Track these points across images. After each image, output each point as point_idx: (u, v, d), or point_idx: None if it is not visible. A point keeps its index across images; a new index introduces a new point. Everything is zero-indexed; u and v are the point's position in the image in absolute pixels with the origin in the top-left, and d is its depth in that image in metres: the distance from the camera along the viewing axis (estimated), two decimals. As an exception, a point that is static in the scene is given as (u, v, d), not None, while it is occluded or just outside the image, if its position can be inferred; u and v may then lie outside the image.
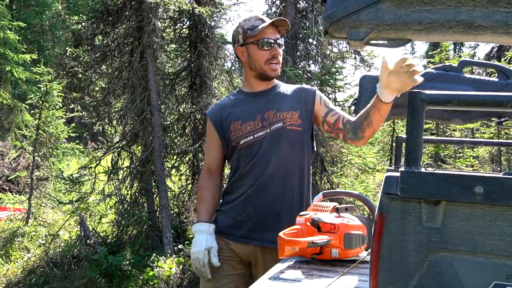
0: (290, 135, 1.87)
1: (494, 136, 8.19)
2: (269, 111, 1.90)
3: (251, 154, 1.88)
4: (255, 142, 1.88)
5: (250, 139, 1.89)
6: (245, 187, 1.89)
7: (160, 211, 6.20)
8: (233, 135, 1.93)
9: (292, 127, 1.88)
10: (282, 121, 1.88)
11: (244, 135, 1.90)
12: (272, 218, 1.84)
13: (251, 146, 1.89)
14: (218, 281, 1.90)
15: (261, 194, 1.86)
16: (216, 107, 2.04)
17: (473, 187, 0.85)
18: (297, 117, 1.89)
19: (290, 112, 1.89)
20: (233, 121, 1.94)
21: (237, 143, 1.91)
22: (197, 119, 6.87)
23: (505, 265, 0.84)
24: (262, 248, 1.86)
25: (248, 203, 1.87)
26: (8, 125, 10.08)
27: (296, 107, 1.91)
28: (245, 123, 1.91)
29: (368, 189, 6.53)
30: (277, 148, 1.86)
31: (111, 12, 6.35)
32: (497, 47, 13.96)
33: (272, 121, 1.88)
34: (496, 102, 0.88)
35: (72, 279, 5.07)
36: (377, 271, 0.90)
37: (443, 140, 5.08)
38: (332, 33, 1.21)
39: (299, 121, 1.89)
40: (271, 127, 1.88)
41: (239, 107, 1.97)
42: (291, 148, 1.87)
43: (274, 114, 1.90)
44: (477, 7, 1.05)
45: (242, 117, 1.93)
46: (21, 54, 9.77)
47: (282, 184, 1.86)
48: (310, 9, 6.16)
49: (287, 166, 1.87)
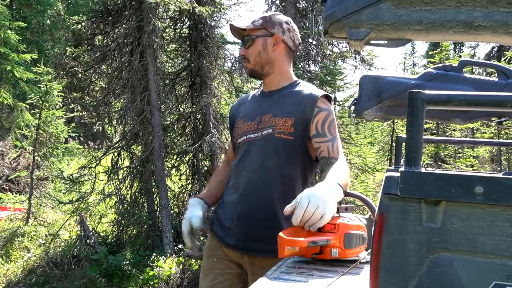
0: (277, 143, 1.78)
1: (494, 136, 8.19)
2: (266, 115, 1.85)
3: (242, 156, 1.87)
4: (245, 143, 1.86)
5: (243, 138, 1.88)
6: (233, 190, 1.88)
7: (160, 211, 6.20)
8: (235, 132, 1.94)
9: (281, 135, 1.78)
10: (272, 127, 1.80)
11: (241, 134, 1.90)
12: (255, 227, 1.79)
13: (242, 146, 1.88)
14: (214, 279, 1.90)
15: (244, 201, 1.82)
16: (237, 102, 2.09)
17: (473, 187, 0.85)
18: (290, 125, 1.78)
19: (284, 119, 1.80)
20: (239, 118, 1.95)
21: (236, 141, 1.93)
22: (197, 119, 6.87)
23: (505, 265, 0.84)
24: (248, 255, 1.83)
25: (234, 210, 1.85)
26: (8, 125, 10.09)
27: (292, 114, 1.80)
28: (245, 122, 1.90)
29: (368, 189, 6.54)
30: (263, 155, 1.80)
31: (111, 12, 6.35)
32: (497, 47, 13.97)
33: (265, 126, 1.82)
34: (496, 102, 0.87)
35: (72, 279, 5.07)
36: (377, 271, 0.90)
37: (443, 140, 5.08)
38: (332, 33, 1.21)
39: (291, 130, 1.78)
40: (262, 131, 1.82)
41: (249, 105, 1.96)
42: (276, 157, 1.78)
43: (268, 119, 1.83)
44: (477, 7, 1.05)
45: (245, 116, 1.92)
46: (21, 54, 9.78)
47: (265, 193, 1.78)
48: (310, 9, 6.17)
49: (271, 175, 1.78)
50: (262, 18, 1.88)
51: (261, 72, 1.90)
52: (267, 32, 1.86)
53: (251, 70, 1.91)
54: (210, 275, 1.92)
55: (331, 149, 1.73)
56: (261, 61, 1.88)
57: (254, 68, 1.90)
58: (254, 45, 1.87)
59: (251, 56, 1.88)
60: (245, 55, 1.89)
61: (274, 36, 1.86)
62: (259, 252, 1.78)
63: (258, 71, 1.90)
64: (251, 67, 1.90)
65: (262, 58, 1.87)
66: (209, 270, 1.93)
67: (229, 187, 1.94)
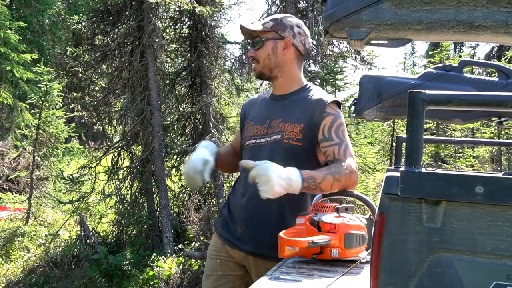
0: (285, 149, 1.77)
1: (494, 136, 8.18)
2: (276, 120, 1.84)
3: (250, 158, 1.83)
4: (255, 147, 1.86)
5: (252, 142, 1.87)
6: (241, 194, 1.86)
7: (160, 211, 6.20)
8: (244, 134, 1.93)
9: (289, 141, 1.77)
10: (281, 133, 1.80)
11: (250, 137, 1.89)
12: (262, 233, 1.78)
13: (251, 150, 1.87)
14: (217, 281, 1.90)
15: (252, 206, 1.80)
16: (249, 100, 2.08)
17: (473, 187, 0.85)
18: (299, 131, 1.77)
19: (293, 124, 1.79)
20: (249, 119, 1.95)
21: (244, 143, 1.92)
22: (197, 119, 6.88)
23: (505, 265, 0.84)
24: (253, 256, 1.83)
25: (242, 214, 1.84)
26: (8, 125, 10.09)
27: (301, 120, 1.79)
28: (255, 125, 1.89)
29: (368, 189, 6.53)
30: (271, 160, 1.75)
31: (111, 12, 6.35)
32: (497, 47, 13.97)
33: (274, 131, 1.81)
34: (496, 102, 0.87)
35: (72, 279, 5.06)
36: (378, 271, 0.90)
37: (443, 140, 5.09)
38: (333, 33, 1.21)
39: (299, 136, 1.77)
40: (271, 137, 1.82)
41: (259, 108, 1.95)
42: (284, 163, 1.73)
43: (278, 124, 1.82)
44: (478, 7, 1.05)
45: (255, 118, 1.92)
46: (22, 54, 9.78)
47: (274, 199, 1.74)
48: (310, 8, 6.17)
49: None
50: (273, 20, 1.86)
51: (270, 75, 1.89)
52: (277, 35, 1.84)
53: (260, 72, 1.90)
54: (213, 276, 1.91)
55: (336, 152, 1.73)
56: (270, 64, 1.86)
57: (263, 71, 1.89)
58: (263, 48, 1.85)
59: (260, 58, 1.87)
60: (254, 57, 1.88)
61: (284, 40, 1.84)
62: (264, 256, 1.77)
63: (267, 74, 1.89)
64: (259, 69, 1.89)
65: (271, 61, 1.85)
66: (212, 271, 1.92)
67: (235, 190, 1.93)
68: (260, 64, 1.87)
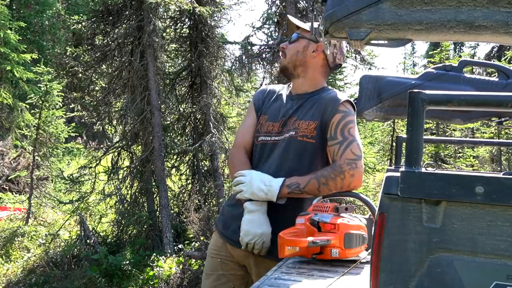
0: (299, 146, 1.78)
1: (494, 136, 8.18)
2: (291, 118, 1.84)
3: (262, 157, 1.85)
4: (268, 144, 1.85)
5: (266, 139, 1.87)
6: None
7: (160, 211, 6.20)
8: (257, 128, 1.93)
9: (304, 138, 1.78)
10: (296, 130, 1.80)
11: (263, 133, 1.89)
12: None
13: (264, 147, 1.86)
14: (217, 280, 1.90)
15: None
16: (262, 91, 2.03)
17: (473, 187, 0.85)
18: (313, 128, 1.78)
19: (308, 122, 1.80)
20: (263, 113, 1.94)
21: (256, 138, 1.91)
22: (197, 119, 6.88)
23: (505, 265, 0.84)
24: (254, 257, 1.81)
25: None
26: (8, 124, 10.08)
27: (316, 117, 1.79)
28: (269, 121, 1.89)
29: (368, 189, 6.54)
30: (284, 158, 1.79)
31: (111, 12, 6.35)
32: (497, 47, 13.97)
33: (289, 129, 1.82)
34: (496, 102, 0.87)
35: (72, 279, 5.07)
36: (378, 271, 0.90)
37: (443, 140, 5.08)
38: (333, 33, 1.21)
39: (313, 133, 1.78)
40: (285, 134, 1.82)
41: (275, 103, 1.94)
42: (298, 161, 1.77)
43: (293, 122, 1.82)
44: (478, 7, 1.05)
45: (270, 114, 1.91)
46: (21, 54, 9.77)
47: None
48: (310, 8, 6.17)
49: None
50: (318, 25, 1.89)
51: (293, 72, 1.91)
52: (314, 38, 1.87)
53: (284, 66, 1.92)
54: (213, 276, 1.91)
55: (336, 152, 1.74)
56: (296, 61, 1.89)
57: (287, 66, 1.91)
58: (296, 43, 1.90)
59: (289, 52, 1.91)
60: (284, 49, 1.92)
61: (318, 44, 1.87)
62: (265, 256, 1.77)
63: (290, 70, 1.91)
64: (285, 63, 1.92)
65: (298, 58, 1.88)
66: (212, 270, 1.92)
67: None
68: (287, 58, 1.91)
